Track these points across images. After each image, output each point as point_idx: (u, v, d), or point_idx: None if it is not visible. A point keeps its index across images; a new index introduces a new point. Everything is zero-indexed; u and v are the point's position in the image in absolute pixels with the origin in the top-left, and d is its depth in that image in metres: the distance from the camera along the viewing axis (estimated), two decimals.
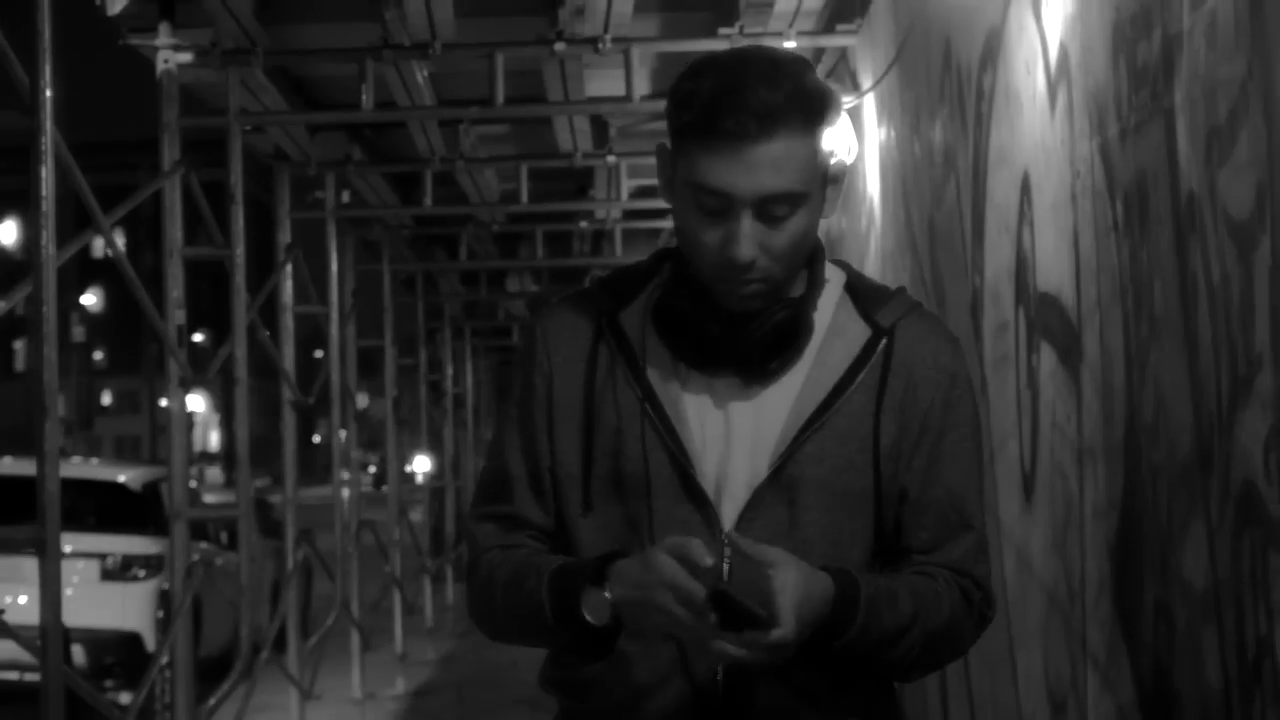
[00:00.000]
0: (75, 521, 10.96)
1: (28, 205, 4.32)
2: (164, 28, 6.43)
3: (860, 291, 2.49)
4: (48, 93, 4.20)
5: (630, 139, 9.74)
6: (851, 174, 6.78)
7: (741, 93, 2.28)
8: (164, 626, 12.56)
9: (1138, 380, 3.40)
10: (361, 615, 11.14)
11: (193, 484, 16.49)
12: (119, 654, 12.32)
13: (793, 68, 2.34)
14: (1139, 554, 3.42)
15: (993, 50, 4.50)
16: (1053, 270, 4.02)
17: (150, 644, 12.98)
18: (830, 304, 2.47)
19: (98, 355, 69.41)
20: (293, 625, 9.48)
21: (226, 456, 65.42)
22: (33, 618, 10.92)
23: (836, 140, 2.40)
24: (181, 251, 6.46)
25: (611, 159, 9.52)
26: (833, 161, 2.39)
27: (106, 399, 69.85)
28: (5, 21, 4.41)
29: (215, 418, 71.15)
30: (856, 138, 6.39)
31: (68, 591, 12.35)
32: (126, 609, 12.98)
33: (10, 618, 11.56)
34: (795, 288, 2.45)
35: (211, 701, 8.20)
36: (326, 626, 10.86)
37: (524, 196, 9.90)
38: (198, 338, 58.65)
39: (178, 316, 6.38)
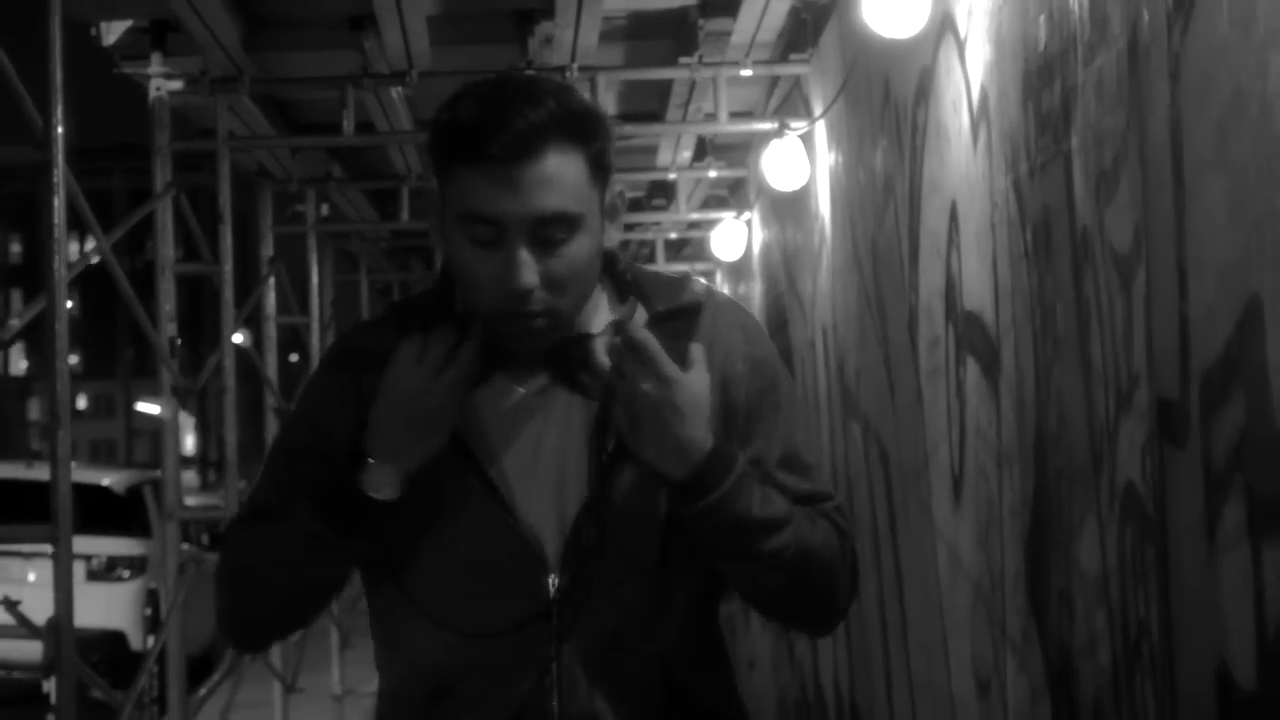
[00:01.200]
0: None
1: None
2: (156, 57, 6.81)
3: (645, 288, 2.42)
4: (59, 130, 4.59)
5: None
6: (805, 193, 7.19)
7: (504, 113, 2.21)
8: (152, 624, 12.92)
9: (1044, 393, 3.81)
10: (340, 614, 11.47)
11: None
12: (104, 652, 12.70)
13: (554, 87, 2.29)
14: (1047, 548, 3.83)
15: (925, 88, 4.90)
16: (976, 291, 4.43)
17: (134, 642, 13.36)
18: (617, 310, 2.42)
19: (73, 360, 69.47)
20: (175, 671, 9.09)
21: (202, 460, 65.68)
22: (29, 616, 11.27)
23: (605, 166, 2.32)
24: (174, 268, 6.85)
25: None
26: (610, 191, 2.33)
27: (81, 403, 69.97)
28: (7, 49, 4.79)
29: (190, 422, 71.22)
30: (809, 160, 6.78)
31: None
32: (111, 608, 13.37)
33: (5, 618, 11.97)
34: (589, 322, 2.38)
35: (202, 691, 8.56)
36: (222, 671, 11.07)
37: None
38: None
39: (170, 329, 6.76)
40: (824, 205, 6.86)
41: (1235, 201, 2.68)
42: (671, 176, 9.23)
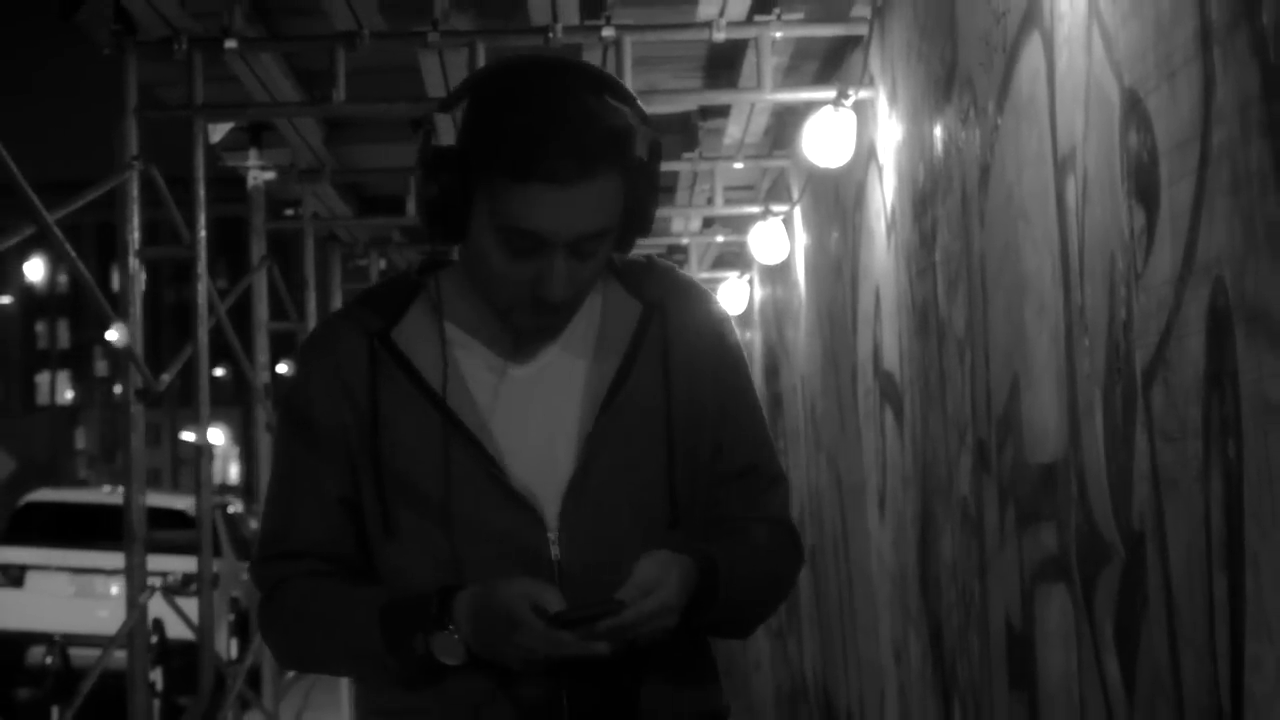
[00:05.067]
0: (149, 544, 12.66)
1: (47, 244, 5.90)
2: (253, 152, 8.31)
3: (622, 270, 2.43)
4: (202, 234, 6.12)
5: None
6: (788, 264, 8.68)
7: (553, 135, 2.18)
8: (237, 630, 14.17)
9: (924, 433, 5.27)
10: None
11: (236, 509, 18.31)
12: (183, 660, 14.09)
13: (593, 98, 2.24)
14: (928, 546, 5.29)
15: (860, 198, 6.38)
16: (890, 356, 5.89)
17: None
18: (600, 289, 2.40)
19: (118, 389, 70.04)
20: (268, 659, 9.32)
21: (246, 489, 67.10)
22: (110, 628, 12.79)
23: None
24: (268, 326, 8.37)
25: None
26: (638, 184, 2.30)
27: None
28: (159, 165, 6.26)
29: (235, 450, 72.30)
30: (789, 238, 8.26)
31: None
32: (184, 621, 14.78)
33: (91, 629, 13.37)
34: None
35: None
36: None
37: None
38: (218, 372, 60.10)
39: (264, 376, 8.28)
40: (800, 275, 8.35)
41: (1007, 308, 4.14)
42: (684, 241, 10.72)
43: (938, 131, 4.91)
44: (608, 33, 5.90)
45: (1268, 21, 2.46)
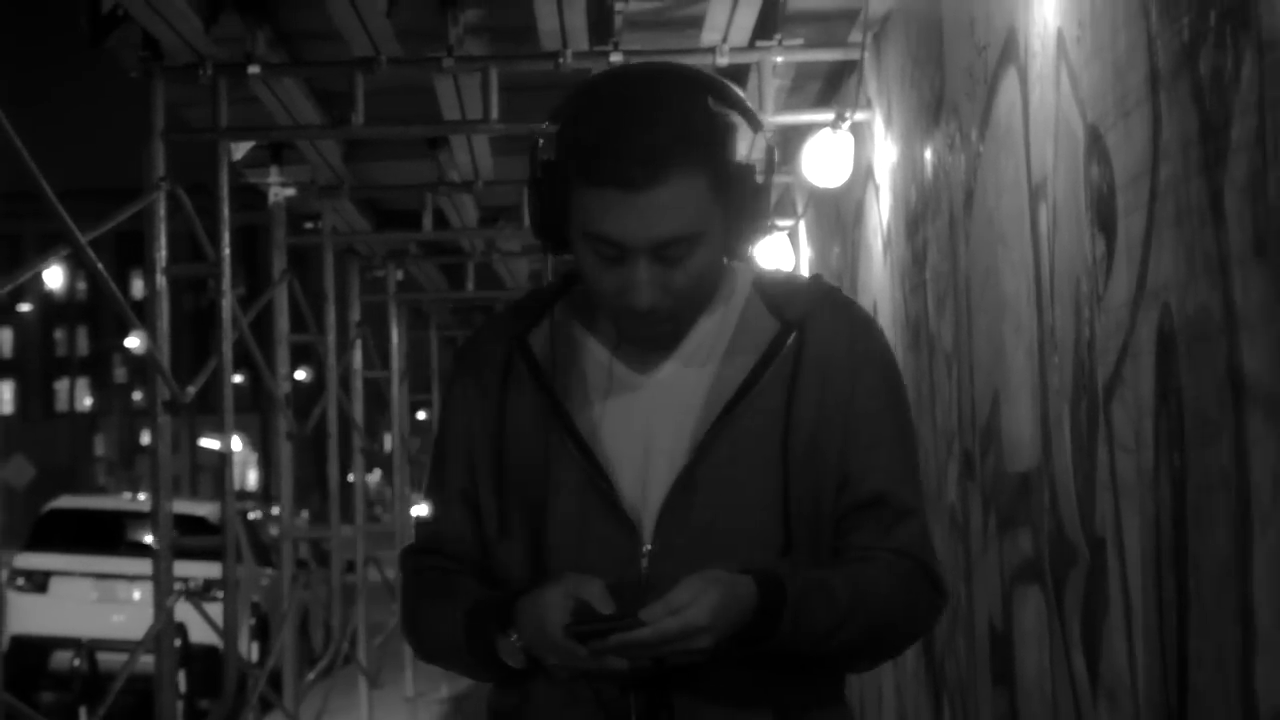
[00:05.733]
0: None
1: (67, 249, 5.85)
2: (274, 169, 8.57)
3: (768, 287, 2.35)
4: (226, 252, 6.39)
5: None
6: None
7: (624, 136, 2.16)
8: (258, 634, 14.39)
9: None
10: (370, 653, 11.82)
11: (256, 515, 18.55)
12: (204, 663, 14.31)
13: (678, 100, 2.21)
14: None
15: (859, 215, 6.62)
16: None
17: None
18: (739, 302, 2.34)
19: (136, 395, 70.28)
20: (289, 662, 9.63)
21: (265, 495, 67.17)
22: (133, 633, 13.03)
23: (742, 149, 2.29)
24: (288, 338, 8.63)
25: None
26: (739, 187, 2.22)
27: (146, 438, 71.13)
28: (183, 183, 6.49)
29: (254, 457, 72.32)
30: (795, 250, 8.51)
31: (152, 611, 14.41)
32: (206, 625, 15.00)
33: (114, 634, 13.61)
34: (722, 318, 2.34)
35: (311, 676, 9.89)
36: (324, 664, 11.29)
37: (548, 277, 12.12)
38: (238, 379, 60.17)
39: (285, 386, 8.54)
40: None
41: (989, 326, 4.38)
42: None
43: (928, 155, 5.15)
44: (615, 58, 6.13)
45: (1204, 72, 2.70)
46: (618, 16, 6.09)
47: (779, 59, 6.21)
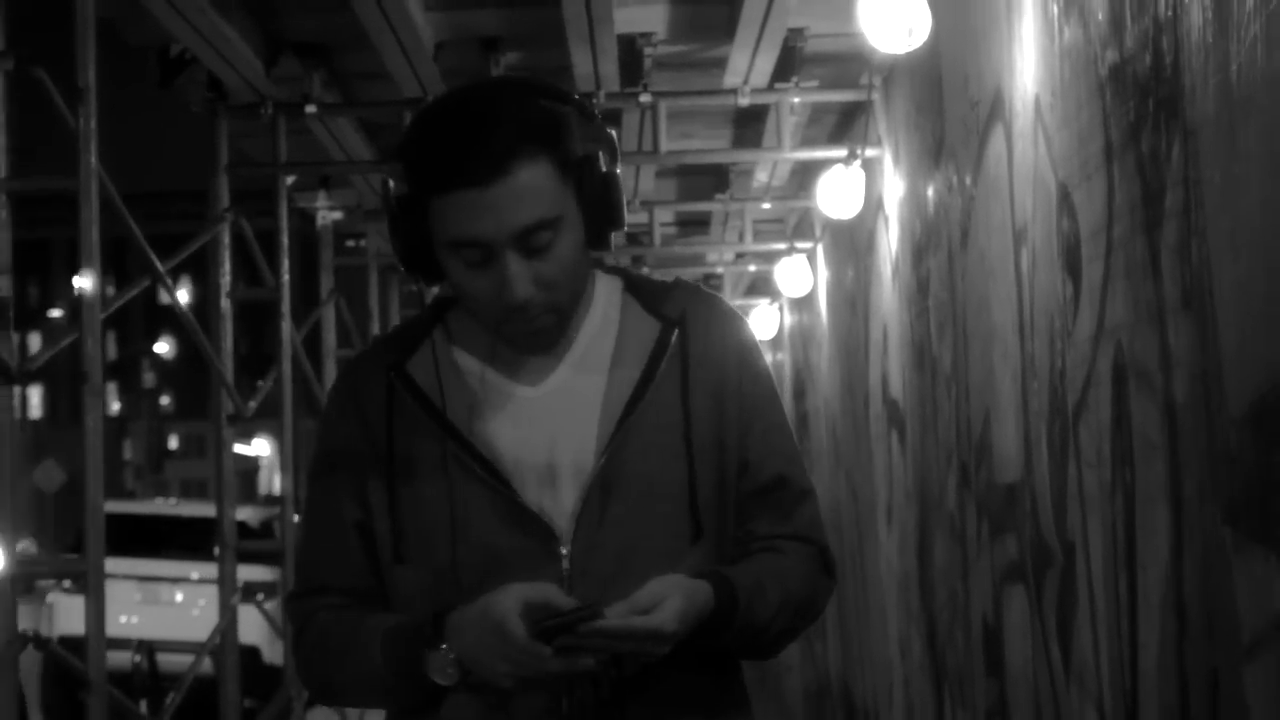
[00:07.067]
0: (206, 553, 13.21)
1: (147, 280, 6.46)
2: (322, 194, 9.09)
3: (640, 288, 2.45)
4: (285, 278, 6.90)
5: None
6: (813, 295, 9.42)
7: (466, 138, 2.23)
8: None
9: (921, 455, 6.00)
10: None
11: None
12: (242, 664, 14.77)
13: (513, 95, 2.30)
14: (925, 554, 6.02)
15: (870, 243, 7.12)
16: (896, 385, 6.62)
17: (267, 656, 15.45)
18: (615, 307, 2.43)
19: (164, 400, 70.15)
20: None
21: (296, 499, 67.15)
22: (178, 633, 13.42)
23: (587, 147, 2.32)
24: (336, 354, 9.16)
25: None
26: (586, 175, 2.30)
27: (173, 443, 70.91)
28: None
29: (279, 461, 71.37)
30: (813, 271, 9.00)
31: (193, 612, 14.91)
32: (247, 627, 15.46)
33: (157, 634, 14.09)
34: (596, 313, 2.44)
35: None
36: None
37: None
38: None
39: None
40: (823, 307, 9.09)
41: (981, 352, 4.87)
42: (719, 270, 11.48)
43: (930, 193, 5.64)
44: (645, 98, 6.65)
45: (1145, 149, 3.20)
46: (647, 59, 6.59)
47: (796, 100, 6.72)
